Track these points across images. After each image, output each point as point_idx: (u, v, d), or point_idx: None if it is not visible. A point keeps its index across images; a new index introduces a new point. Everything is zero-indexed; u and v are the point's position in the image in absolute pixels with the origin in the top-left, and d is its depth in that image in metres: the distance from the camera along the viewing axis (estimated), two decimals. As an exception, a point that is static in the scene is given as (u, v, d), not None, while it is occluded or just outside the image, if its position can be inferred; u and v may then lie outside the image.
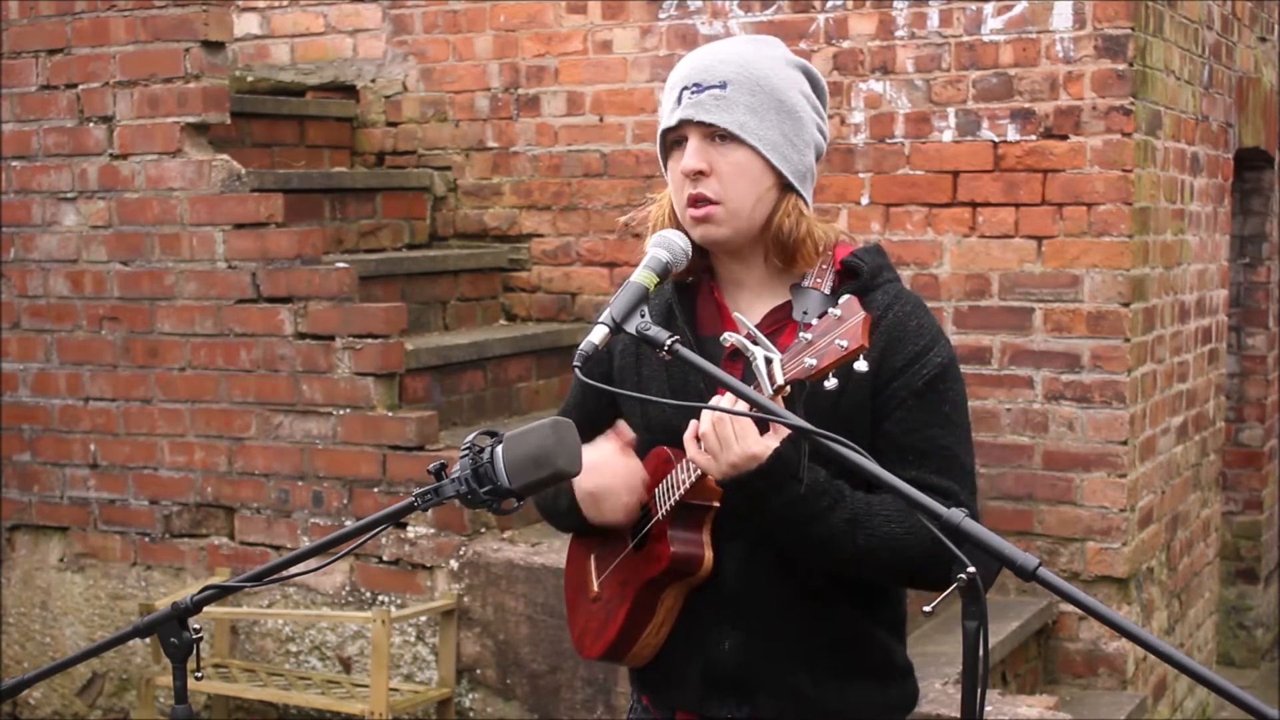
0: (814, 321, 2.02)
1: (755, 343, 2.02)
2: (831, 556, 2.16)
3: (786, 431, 2.05)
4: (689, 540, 2.21)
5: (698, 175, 2.19)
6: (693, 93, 2.19)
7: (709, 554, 2.21)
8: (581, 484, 2.27)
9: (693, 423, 2.12)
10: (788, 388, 2.01)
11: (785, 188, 2.22)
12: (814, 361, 1.98)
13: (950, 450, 2.21)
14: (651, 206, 2.33)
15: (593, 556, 2.39)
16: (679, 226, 2.24)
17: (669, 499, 2.20)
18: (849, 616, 2.27)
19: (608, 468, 2.26)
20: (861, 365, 1.98)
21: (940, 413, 2.21)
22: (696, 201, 2.20)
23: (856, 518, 2.13)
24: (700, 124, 2.19)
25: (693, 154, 2.19)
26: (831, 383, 1.98)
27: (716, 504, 2.20)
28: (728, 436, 2.06)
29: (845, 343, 1.96)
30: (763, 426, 2.07)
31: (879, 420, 2.20)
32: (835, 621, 2.26)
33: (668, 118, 2.23)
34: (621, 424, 2.33)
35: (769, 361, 2.00)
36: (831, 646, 2.26)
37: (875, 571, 2.19)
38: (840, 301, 2.01)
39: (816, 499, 2.11)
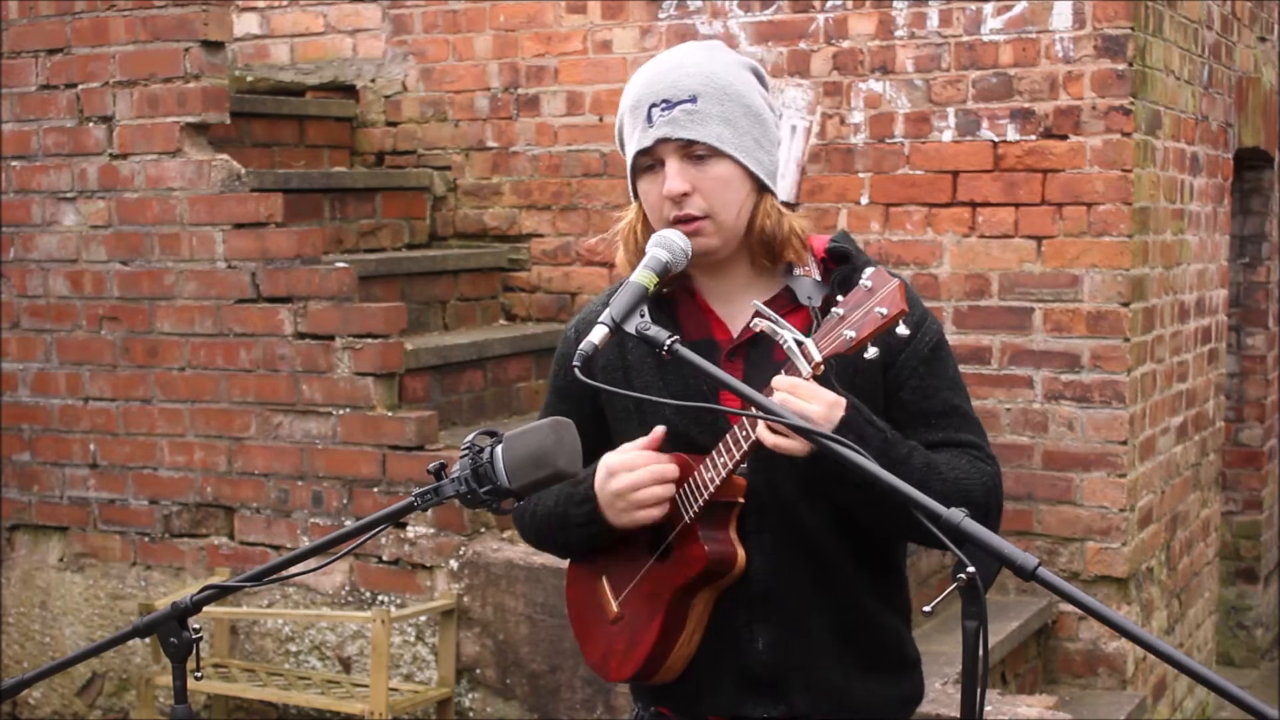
0: (839, 297, 2.05)
1: (780, 326, 2.03)
2: (904, 517, 2.12)
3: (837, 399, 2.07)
4: (720, 539, 2.20)
5: (682, 196, 2.18)
6: (663, 110, 2.17)
7: (741, 551, 2.21)
8: (608, 486, 2.21)
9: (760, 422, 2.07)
10: (822, 366, 2.02)
11: (760, 189, 2.24)
12: (853, 333, 2.00)
13: (962, 409, 2.28)
14: (620, 225, 2.31)
15: (604, 578, 2.35)
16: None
17: (695, 501, 2.18)
18: (870, 608, 2.28)
19: (640, 460, 2.18)
20: (903, 329, 2.00)
21: (948, 376, 2.28)
22: (682, 220, 2.19)
23: (930, 464, 2.15)
24: (678, 141, 2.17)
25: (675, 176, 2.18)
26: (872, 352, 2.00)
27: (741, 500, 2.20)
28: (801, 408, 2.03)
29: (885, 310, 1.99)
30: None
31: (894, 391, 2.25)
32: (858, 614, 2.27)
33: (640, 138, 2.20)
34: (660, 430, 2.23)
35: (800, 343, 2.02)
36: (856, 639, 2.27)
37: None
38: (868, 273, 2.03)
39: (898, 444, 2.13)
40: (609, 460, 2.22)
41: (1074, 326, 5.00)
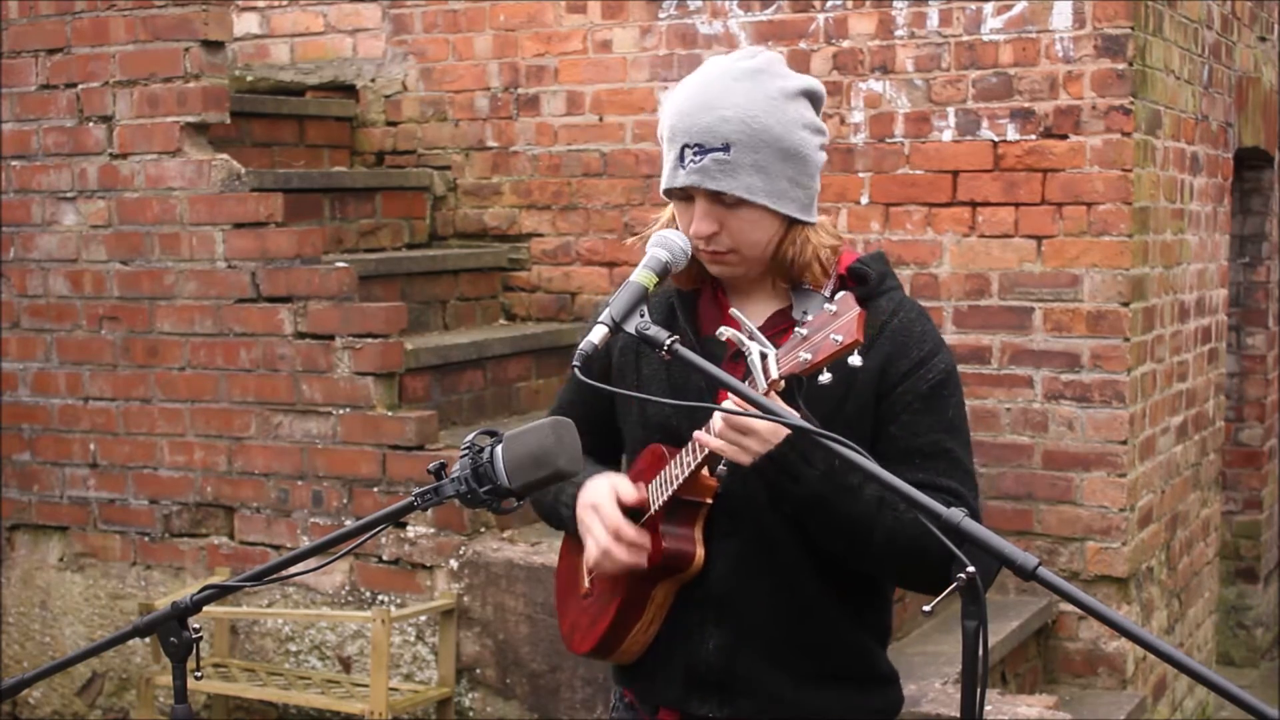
0: (810, 318, 2.03)
1: (752, 339, 2.03)
2: (858, 540, 2.15)
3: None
4: (681, 536, 2.22)
5: (710, 235, 2.20)
6: (696, 154, 2.16)
7: (700, 551, 2.23)
8: (586, 516, 2.28)
9: (712, 422, 2.11)
10: (782, 382, 2.02)
11: (791, 221, 2.23)
12: (809, 356, 1.99)
13: (954, 454, 2.23)
14: (656, 226, 2.31)
15: (584, 554, 2.40)
16: None
17: (662, 494, 2.21)
18: (834, 622, 2.28)
19: (610, 525, 2.24)
20: (855, 360, 1.98)
21: (945, 418, 2.23)
22: (708, 253, 2.22)
23: (884, 498, 2.13)
24: (707, 190, 2.18)
25: (702, 218, 2.19)
26: (826, 377, 1.99)
27: (709, 501, 2.22)
28: (746, 421, 2.05)
29: (840, 337, 1.97)
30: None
31: (884, 424, 2.22)
32: (820, 627, 2.27)
33: (671, 176, 2.20)
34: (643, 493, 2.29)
35: (764, 357, 2.01)
36: (814, 652, 2.27)
37: (894, 560, 2.17)
38: (836, 298, 2.02)
39: (846, 473, 2.10)
40: (598, 498, 2.26)
41: (1074, 326, 5.00)
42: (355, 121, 6.02)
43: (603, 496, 2.26)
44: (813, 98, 2.26)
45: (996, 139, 5.05)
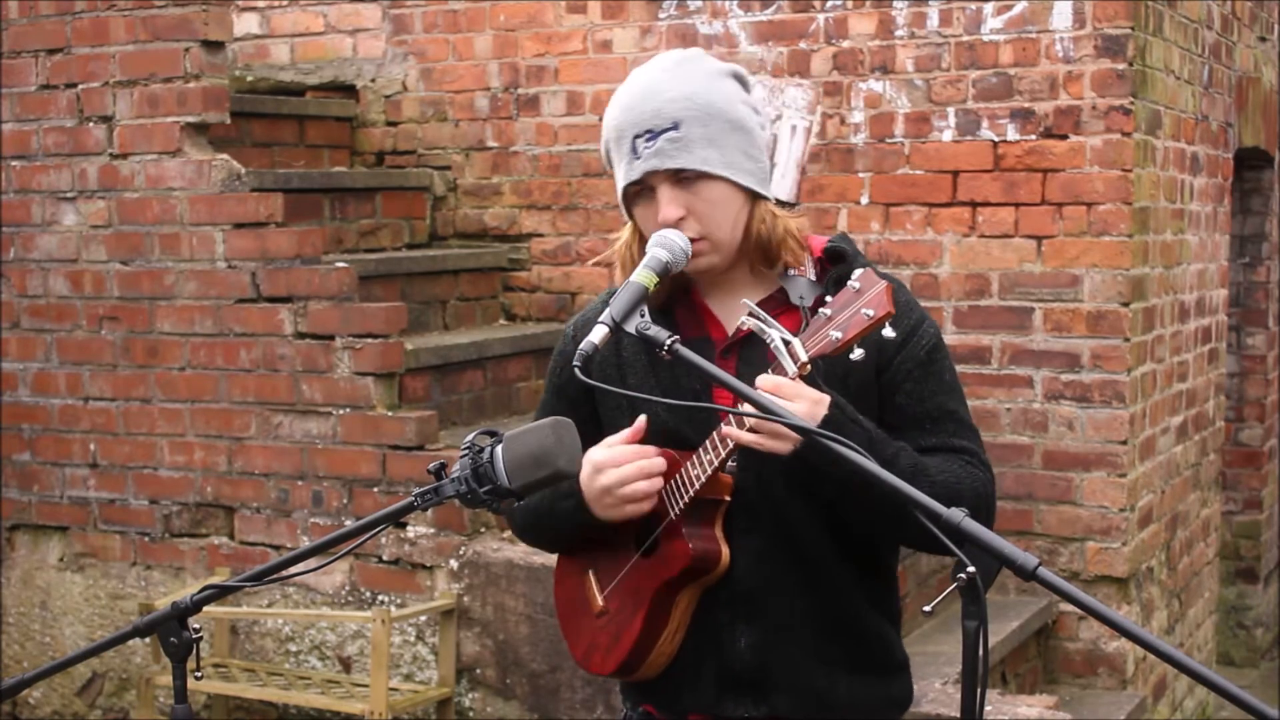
0: (828, 298, 2.05)
1: (769, 326, 2.03)
2: (896, 516, 2.10)
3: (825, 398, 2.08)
4: (705, 536, 2.21)
5: (677, 221, 2.19)
6: (647, 141, 2.18)
7: (725, 549, 2.22)
8: (595, 483, 2.21)
9: (733, 420, 2.09)
10: (809, 366, 2.03)
11: (754, 197, 2.24)
12: (839, 334, 2.00)
13: (959, 414, 2.28)
14: (616, 245, 2.32)
15: (591, 572, 2.36)
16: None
17: (681, 497, 2.19)
18: (856, 610, 2.28)
19: (625, 455, 2.20)
20: (889, 332, 2.00)
21: (944, 380, 2.28)
22: None
23: (918, 465, 2.14)
24: (666, 171, 2.18)
25: (668, 204, 2.19)
26: (858, 353, 2.01)
27: (727, 498, 2.21)
28: (785, 407, 2.02)
29: (871, 311, 1.99)
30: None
31: (889, 395, 2.24)
32: (844, 615, 2.27)
33: (628, 170, 2.21)
34: (641, 420, 2.25)
35: (787, 343, 2.02)
36: (843, 641, 2.27)
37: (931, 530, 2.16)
38: (856, 275, 2.04)
39: (884, 444, 2.12)
40: (595, 456, 2.22)
41: (1074, 326, 5.00)
42: (355, 121, 6.03)
43: (599, 453, 2.21)
44: (742, 80, 2.28)
45: (996, 139, 5.05)
